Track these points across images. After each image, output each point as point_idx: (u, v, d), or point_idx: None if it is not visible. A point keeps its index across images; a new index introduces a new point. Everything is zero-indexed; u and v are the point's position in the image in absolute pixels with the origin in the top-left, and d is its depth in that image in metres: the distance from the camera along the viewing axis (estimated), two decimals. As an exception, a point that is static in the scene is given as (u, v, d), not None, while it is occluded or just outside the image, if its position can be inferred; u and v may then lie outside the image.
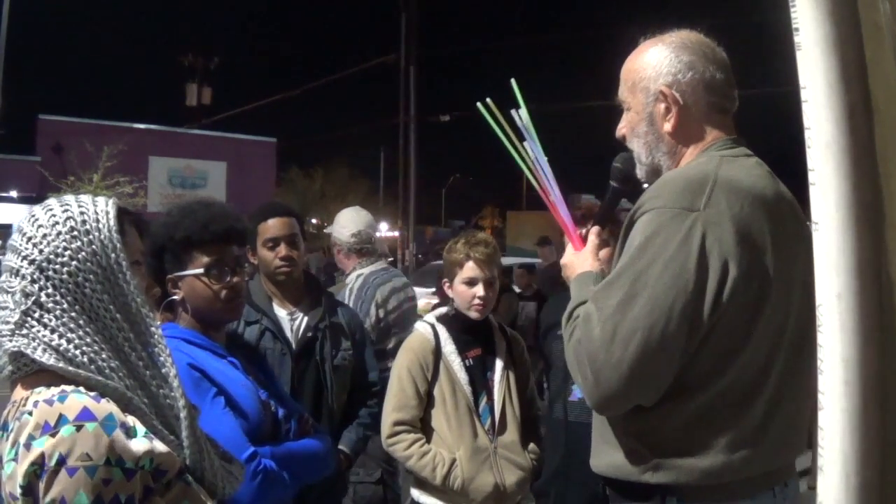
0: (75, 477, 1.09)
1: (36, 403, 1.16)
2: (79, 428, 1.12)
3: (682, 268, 1.35)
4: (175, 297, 1.91)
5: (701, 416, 1.41)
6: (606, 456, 1.52)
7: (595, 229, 1.74)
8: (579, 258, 1.70)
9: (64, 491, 1.09)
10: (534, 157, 1.75)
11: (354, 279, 3.61)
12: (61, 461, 1.10)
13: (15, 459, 1.13)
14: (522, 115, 1.73)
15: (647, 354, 1.35)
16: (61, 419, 1.13)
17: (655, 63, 1.56)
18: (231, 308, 1.95)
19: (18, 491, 1.11)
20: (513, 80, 1.72)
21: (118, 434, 1.15)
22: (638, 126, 1.61)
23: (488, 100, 1.77)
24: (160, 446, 1.20)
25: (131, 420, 1.19)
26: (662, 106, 1.56)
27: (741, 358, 1.41)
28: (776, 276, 1.41)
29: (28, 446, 1.12)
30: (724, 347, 1.40)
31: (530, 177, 1.78)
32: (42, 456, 1.10)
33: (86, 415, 1.14)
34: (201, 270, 1.90)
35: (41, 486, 1.09)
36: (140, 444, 1.17)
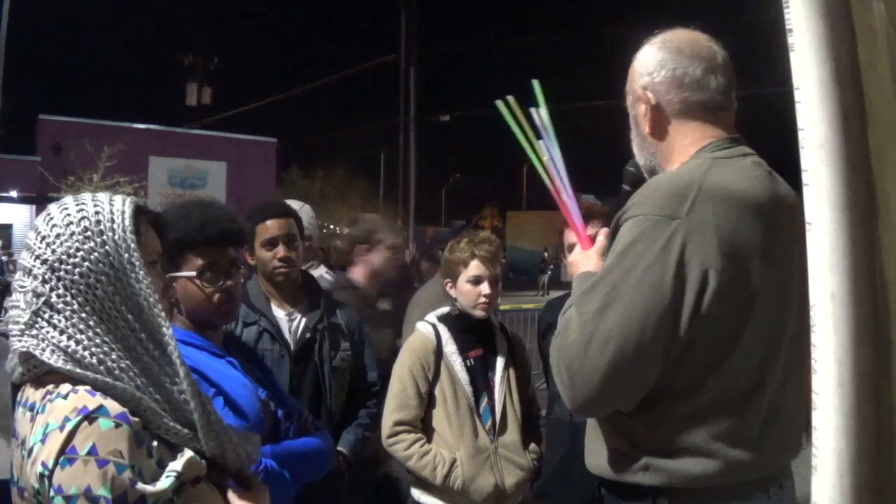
0: (104, 469, 1.10)
1: (76, 390, 1.17)
2: (117, 425, 1.14)
3: (659, 278, 1.34)
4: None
5: (689, 422, 1.40)
6: (599, 455, 1.52)
7: (604, 231, 1.74)
8: (585, 258, 1.71)
9: (90, 481, 1.09)
10: (549, 156, 1.76)
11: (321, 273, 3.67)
12: (93, 451, 1.10)
13: (44, 441, 1.13)
14: (542, 114, 1.73)
15: (620, 362, 1.34)
16: (101, 409, 1.14)
17: (639, 64, 1.57)
18: (224, 311, 1.94)
19: (39, 469, 1.11)
20: (535, 82, 1.72)
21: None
22: (632, 129, 1.63)
23: (510, 97, 1.76)
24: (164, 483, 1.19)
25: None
26: (642, 107, 1.56)
27: (727, 367, 1.39)
28: (767, 285, 1.39)
29: (62, 428, 1.12)
30: (707, 356, 1.38)
31: (543, 175, 1.78)
32: (72, 440, 1.11)
33: (123, 416, 1.16)
34: (194, 273, 1.89)
35: (69, 470, 1.09)
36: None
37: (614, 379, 1.36)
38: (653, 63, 1.53)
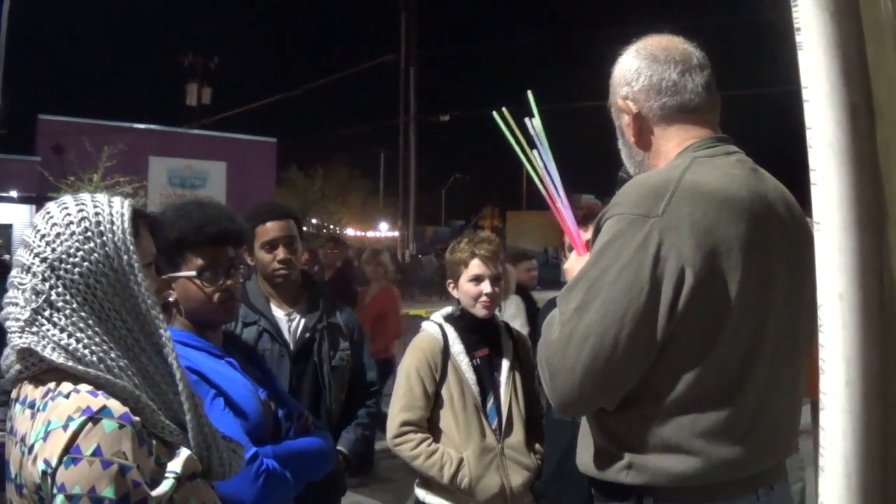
0: (109, 470, 1.10)
1: (77, 390, 1.17)
2: (121, 426, 1.14)
3: (636, 275, 1.34)
4: (168, 299, 1.90)
5: (670, 419, 1.39)
6: (587, 454, 1.52)
7: None
8: (579, 263, 1.71)
9: (95, 481, 1.09)
10: (542, 164, 1.77)
11: None
12: (97, 452, 1.10)
13: (45, 439, 1.12)
14: (535, 124, 1.76)
15: (599, 360, 1.35)
16: (105, 410, 1.14)
17: (617, 75, 1.60)
18: (225, 310, 1.93)
19: (42, 467, 1.10)
20: (529, 92, 1.75)
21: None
22: (619, 139, 1.65)
23: (504, 109, 1.78)
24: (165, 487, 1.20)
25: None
26: (625, 117, 1.58)
27: (707, 364, 1.38)
28: (746, 281, 1.38)
29: (66, 427, 1.11)
30: (685, 353, 1.38)
31: (538, 183, 1.79)
32: (77, 440, 1.10)
33: (126, 417, 1.15)
34: (194, 273, 1.88)
35: (73, 470, 1.09)
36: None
37: (593, 376, 1.36)
38: (630, 72, 1.56)
